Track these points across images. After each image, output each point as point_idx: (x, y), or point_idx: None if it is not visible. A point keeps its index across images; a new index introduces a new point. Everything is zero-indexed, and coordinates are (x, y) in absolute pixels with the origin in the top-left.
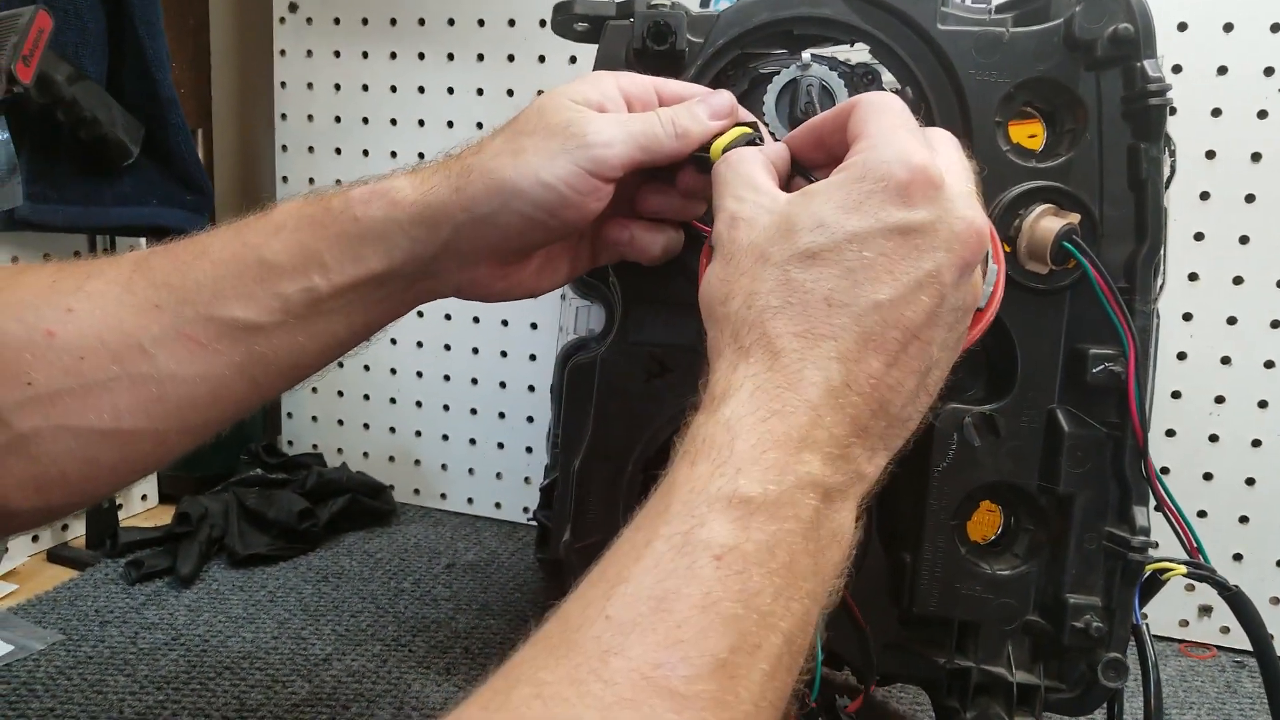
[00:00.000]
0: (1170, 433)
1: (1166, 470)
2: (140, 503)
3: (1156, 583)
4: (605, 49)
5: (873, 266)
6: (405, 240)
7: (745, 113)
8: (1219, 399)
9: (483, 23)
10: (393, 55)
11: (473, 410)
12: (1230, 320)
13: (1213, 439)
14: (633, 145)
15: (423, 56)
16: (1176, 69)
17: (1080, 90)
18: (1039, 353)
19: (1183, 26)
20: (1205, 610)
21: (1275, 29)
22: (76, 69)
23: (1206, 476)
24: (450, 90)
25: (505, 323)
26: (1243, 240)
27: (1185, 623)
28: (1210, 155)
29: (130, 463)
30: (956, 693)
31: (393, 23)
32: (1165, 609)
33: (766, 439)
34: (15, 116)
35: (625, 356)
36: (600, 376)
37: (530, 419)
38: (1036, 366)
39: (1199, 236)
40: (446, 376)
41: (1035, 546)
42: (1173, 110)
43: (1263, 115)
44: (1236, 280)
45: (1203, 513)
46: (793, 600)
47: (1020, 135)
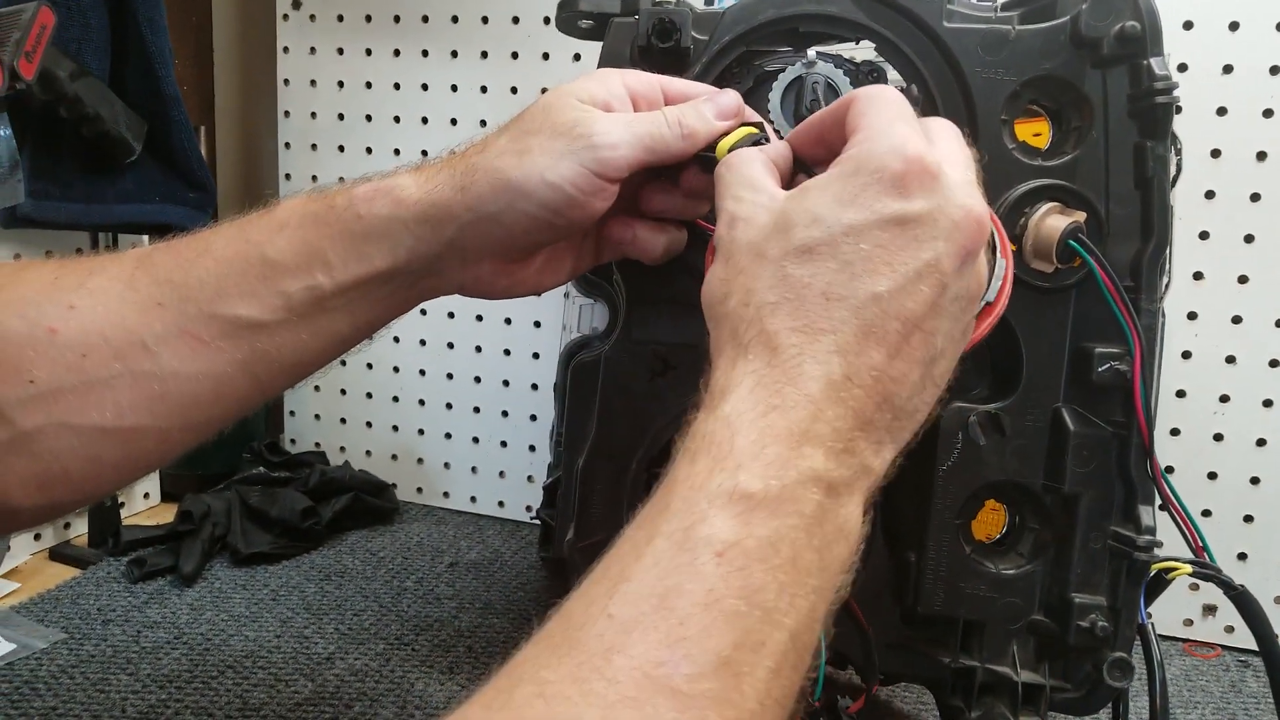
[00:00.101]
0: (1175, 432)
1: (1171, 469)
2: (143, 501)
3: (1162, 582)
4: (610, 46)
5: (870, 259)
6: (409, 238)
7: (752, 112)
8: (1224, 398)
9: (487, 20)
10: (396, 52)
11: (476, 408)
12: (1235, 319)
13: (1217, 438)
14: (638, 146)
15: (426, 54)
16: (1182, 68)
17: (1086, 88)
18: (1044, 351)
19: (1188, 25)
20: (1210, 609)
21: None
22: (79, 65)
23: (1211, 476)
24: (454, 88)
25: (508, 321)
26: (1248, 239)
27: (1190, 622)
28: (1216, 154)
29: (133, 460)
30: (961, 692)
31: (396, 20)
32: (1169, 608)
33: (766, 434)
34: (18, 113)
35: (629, 355)
36: (604, 375)
37: (533, 417)
38: (1042, 365)
39: (1204, 235)
40: (449, 375)
41: (1040, 546)
42: (1178, 109)
43: (1268, 114)
44: (1241, 279)
45: (1207, 512)
46: (798, 596)
47: (1026, 133)
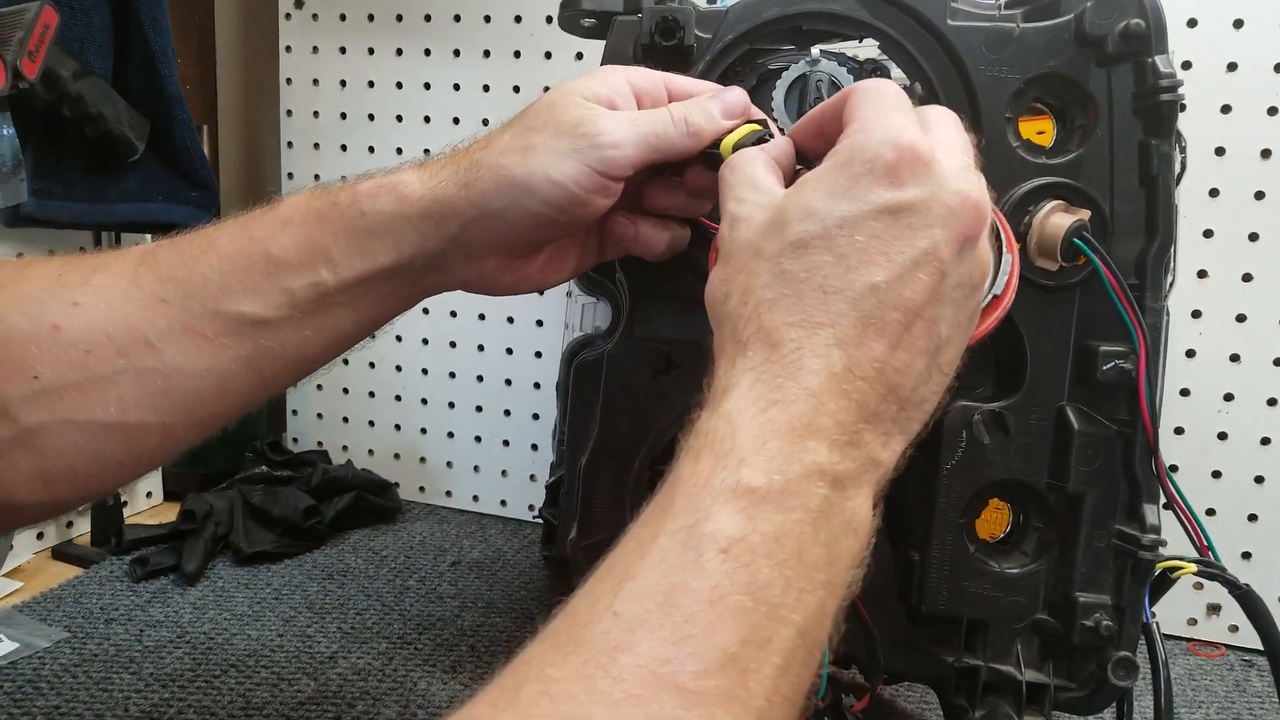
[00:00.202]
0: (1179, 430)
1: (1175, 468)
2: (145, 500)
3: (1166, 581)
4: (612, 45)
5: (866, 249)
6: (413, 235)
7: (757, 110)
8: (1228, 396)
9: (489, 19)
10: (399, 51)
11: (478, 407)
12: (1239, 318)
13: (1221, 437)
14: (643, 145)
15: (429, 53)
16: (1186, 65)
17: (1091, 86)
18: (1048, 350)
19: (1192, 23)
20: (1214, 609)
21: None
22: (82, 65)
23: (1215, 474)
24: (456, 87)
25: (511, 320)
26: (1252, 237)
27: (1194, 621)
28: (1220, 152)
29: (137, 456)
30: (965, 691)
31: (399, 19)
32: (1173, 607)
33: (768, 429)
34: (20, 112)
35: (632, 353)
36: (607, 373)
37: (536, 416)
38: (1046, 364)
39: (1208, 233)
40: (452, 374)
41: (1044, 544)
42: (1182, 107)
43: (1272, 112)
44: (1246, 277)
45: (1211, 511)
46: (805, 592)
47: (1030, 131)
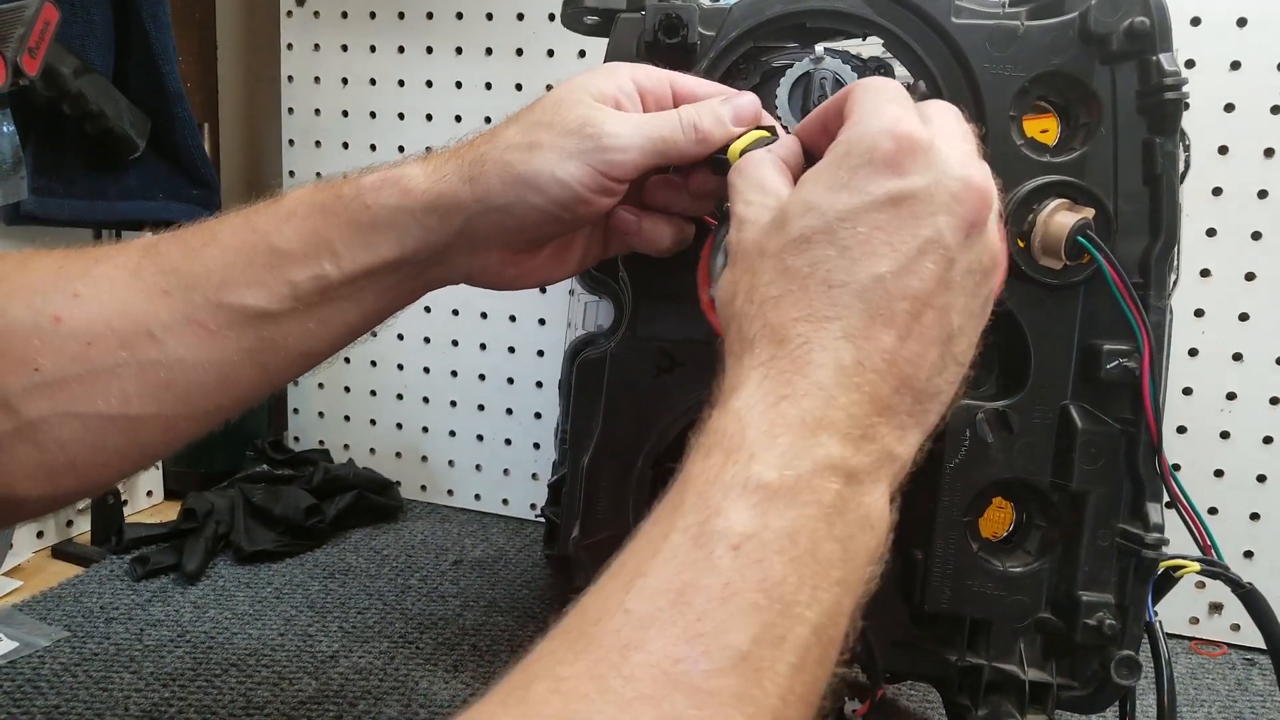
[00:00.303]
0: (1181, 429)
1: (1178, 467)
2: (146, 499)
3: (1169, 580)
4: (615, 42)
5: (869, 241)
6: (417, 229)
7: (767, 115)
8: (1230, 395)
9: (491, 16)
10: (400, 49)
11: (480, 406)
12: (1242, 316)
13: (1224, 435)
14: (649, 150)
15: (431, 50)
16: (1190, 64)
17: (1095, 84)
18: (1052, 349)
19: (1196, 21)
20: (1216, 607)
21: None
22: (83, 62)
23: (1218, 473)
24: (458, 84)
25: (513, 318)
26: (1255, 236)
27: (1196, 620)
28: (1223, 151)
29: (138, 449)
30: (968, 690)
31: (400, 16)
32: (1175, 606)
33: (778, 424)
34: (21, 109)
35: (634, 351)
36: (609, 372)
37: (538, 415)
38: (1050, 362)
39: (1211, 232)
40: (454, 372)
41: (1047, 543)
42: (1186, 105)
43: (1276, 110)
44: (1249, 276)
45: (1214, 509)
46: (819, 589)
47: (1034, 129)
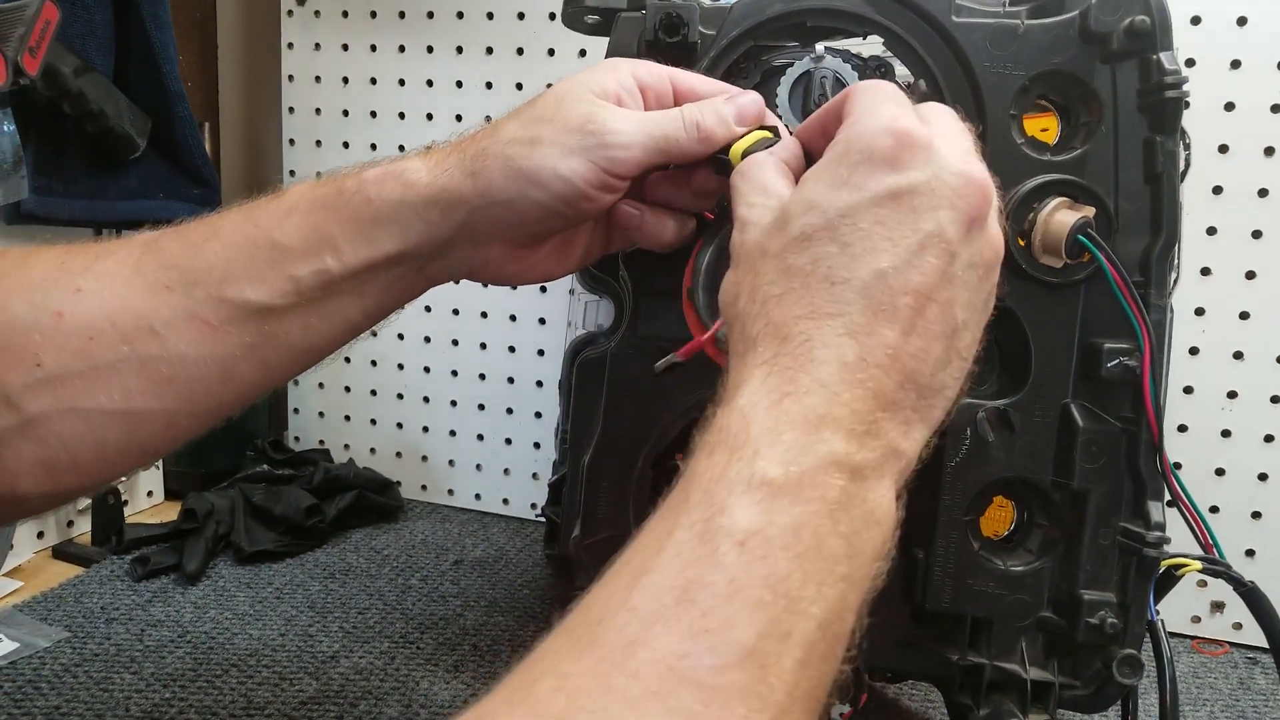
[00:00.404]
0: (1182, 428)
1: (1179, 466)
2: (146, 499)
3: (1171, 578)
4: (616, 41)
5: (870, 236)
6: (419, 223)
7: (771, 115)
8: (1231, 394)
9: (492, 15)
10: (401, 48)
11: (480, 406)
12: (1243, 315)
13: (1225, 434)
14: (651, 148)
15: (431, 50)
16: (1190, 63)
17: (1095, 83)
18: (1053, 347)
19: (1196, 20)
20: (1218, 606)
21: None
22: (83, 61)
23: (1219, 472)
24: (459, 84)
25: (514, 318)
26: (1255, 235)
27: (1197, 619)
28: (1223, 149)
29: (139, 445)
30: (969, 690)
31: (401, 15)
32: (1177, 605)
33: (782, 420)
34: (21, 109)
35: (635, 350)
36: (610, 371)
37: (538, 414)
38: (1050, 361)
39: (1211, 231)
40: (454, 372)
41: (1049, 542)
42: (1187, 104)
43: (1276, 109)
44: (1249, 275)
45: (1215, 508)
46: (825, 585)
47: (1034, 128)
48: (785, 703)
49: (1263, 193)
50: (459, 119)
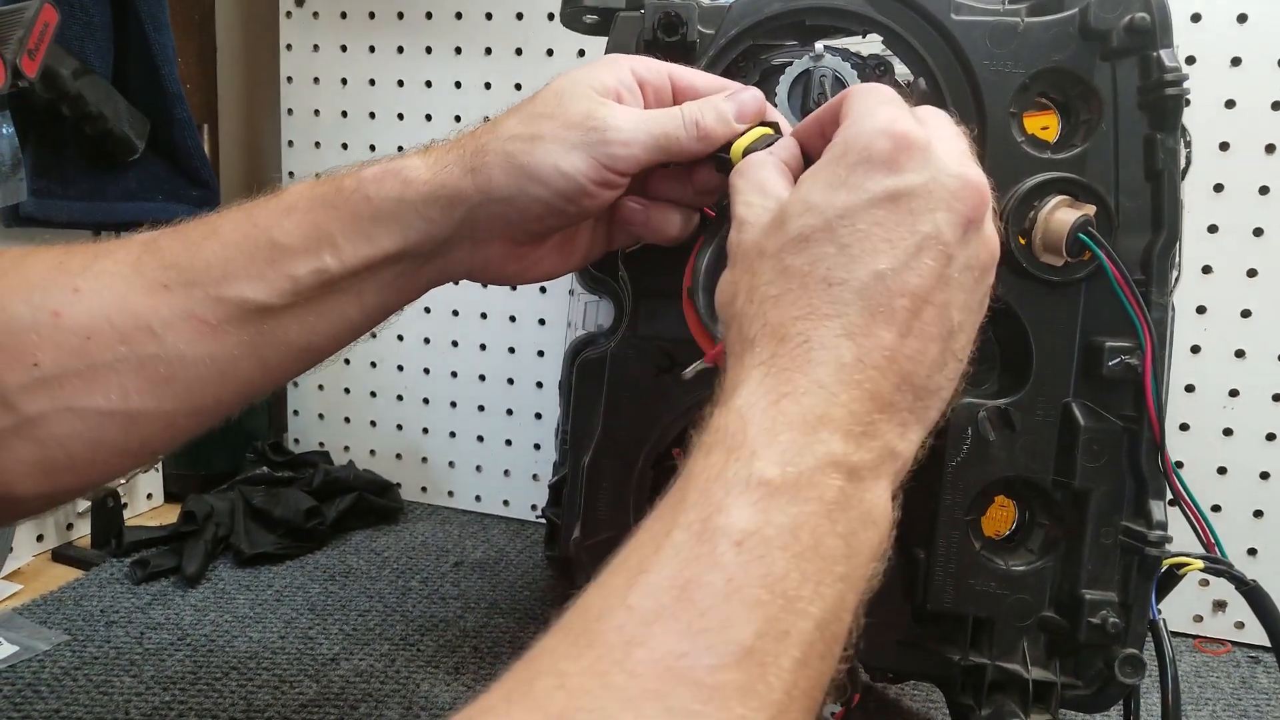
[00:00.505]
0: (1184, 427)
1: (1180, 464)
2: (145, 502)
3: (1173, 578)
4: (615, 41)
5: (868, 238)
6: (419, 221)
7: (773, 110)
8: (1233, 392)
9: (490, 16)
10: (400, 49)
11: (480, 407)
12: (1245, 313)
13: (1227, 433)
14: (652, 146)
15: (430, 50)
16: (1190, 60)
17: (1096, 81)
18: (1054, 346)
19: (1196, 18)
20: (1219, 605)
21: None
22: (82, 63)
23: (1221, 470)
24: (458, 84)
25: (513, 319)
26: (1257, 233)
27: (1199, 618)
28: (1224, 147)
29: (138, 445)
30: (971, 690)
31: (400, 16)
32: (1178, 604)
33: (779, 421)
34: (20, 111)
35: (635, 351)
36: (610, 371)
37: (538, 415)
38: (1051, 360)
39: (1213, 229)
40: (454, 373)
41: (1050, 541)
42: (1187, 101)
43: (1277, 107)
44: (1250, 272)
45: (1217, 507)
46: (823, 584)
47: (1035, 126)
48: (783, 702)
49: (1264, 190)
50: (458, 119)
